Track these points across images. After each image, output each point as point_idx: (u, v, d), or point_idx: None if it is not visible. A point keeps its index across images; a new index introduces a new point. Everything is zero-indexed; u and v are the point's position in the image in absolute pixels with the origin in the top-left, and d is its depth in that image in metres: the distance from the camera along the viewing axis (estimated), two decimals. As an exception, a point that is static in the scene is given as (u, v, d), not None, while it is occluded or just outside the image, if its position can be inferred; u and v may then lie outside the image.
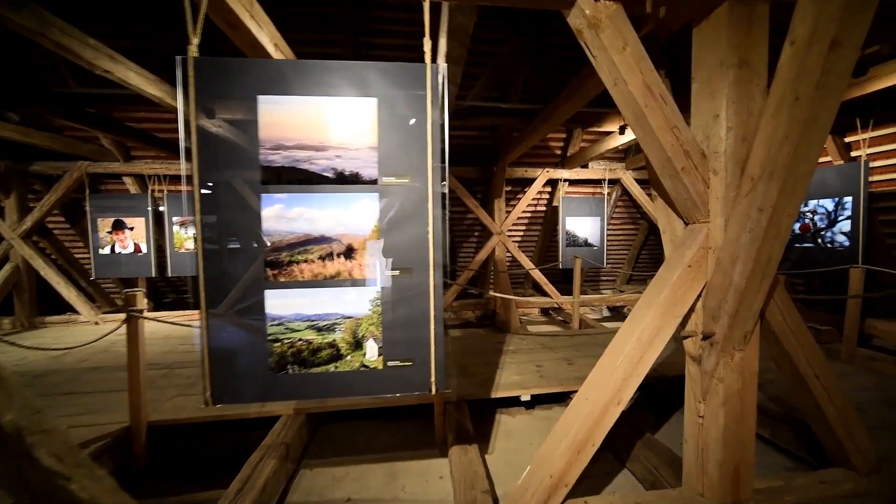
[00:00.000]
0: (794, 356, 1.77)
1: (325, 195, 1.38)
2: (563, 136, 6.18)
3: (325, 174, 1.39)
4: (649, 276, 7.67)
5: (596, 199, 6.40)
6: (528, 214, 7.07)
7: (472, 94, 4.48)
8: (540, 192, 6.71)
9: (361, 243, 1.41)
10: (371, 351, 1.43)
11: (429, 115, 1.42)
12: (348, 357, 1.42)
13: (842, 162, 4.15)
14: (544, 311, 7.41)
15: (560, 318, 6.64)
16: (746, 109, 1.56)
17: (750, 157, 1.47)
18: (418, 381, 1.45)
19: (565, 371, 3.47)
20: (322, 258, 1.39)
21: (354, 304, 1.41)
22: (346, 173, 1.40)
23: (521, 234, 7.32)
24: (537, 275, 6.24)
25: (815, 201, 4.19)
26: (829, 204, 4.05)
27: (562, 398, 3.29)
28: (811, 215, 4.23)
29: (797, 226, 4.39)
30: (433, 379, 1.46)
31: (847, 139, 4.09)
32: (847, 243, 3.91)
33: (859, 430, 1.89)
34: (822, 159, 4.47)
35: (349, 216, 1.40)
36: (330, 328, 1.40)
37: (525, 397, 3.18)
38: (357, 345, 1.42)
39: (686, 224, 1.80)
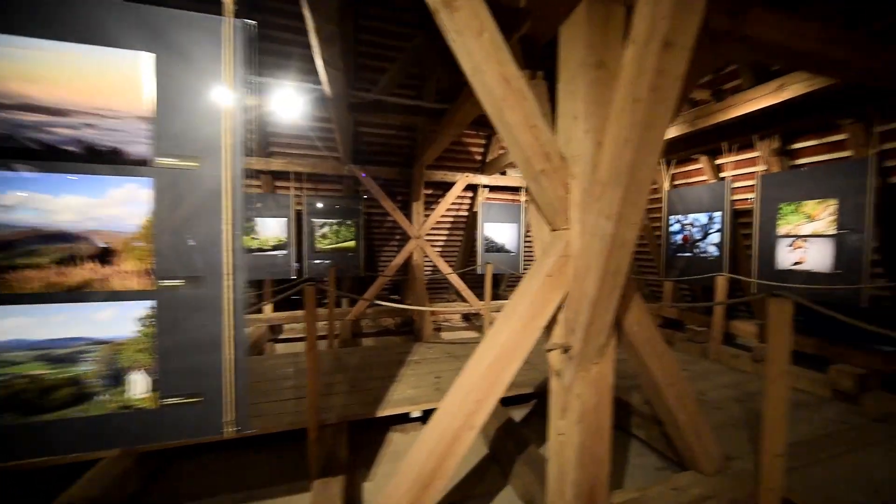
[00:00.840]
0: (649, 366, 1.77)
1: (65, 177, 1.00)
2: (483, 141, 6.20)
3: (67, 148, 1.01)
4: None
5: (514, 205, 6.51)
6: (451, 219, 6.99)
7: (379, 89, 4.21)
8: (461, 197, 6.66)
9: (125, 244, 1.05)
10: (138, 386, 1.08)
11: (227, 79, 1.12)
12: (102, 396, 1.05)
13: (714, 181, 4.63)
14: (465, 317, 7.37)
15: (479, 323, 6.62)
16: (603, 112, 1.51)
17: (600, 161, 1.40)
18: (210, 421, 1.13)
19: (463, 381, 3.34)
20: (60, 262, 1.01)
21: (112, 324, 1.04)
22: (101, 149, 1.03)
23: (444, 238, 7.21)
24: (455, 280, 6.15)
25: (693, 215, 4.63)
26: (703, 218, 4.49)
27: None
28: (690, 228, 4.67)
29: (679, 237, 4.82)
30: (230, 417, 1.15)
31: (717, 161, 4.60)
32: (717, 253, 4.36)
33: (707, 434, 1.96)
34: (698, 178, 4.98)
35: (105, 207, 1.03)
36: (71, 358, 1.02)
37: (417, 413, 2.96)
38: (115, 378, 1.06)
39: (552, 230, 1.72)
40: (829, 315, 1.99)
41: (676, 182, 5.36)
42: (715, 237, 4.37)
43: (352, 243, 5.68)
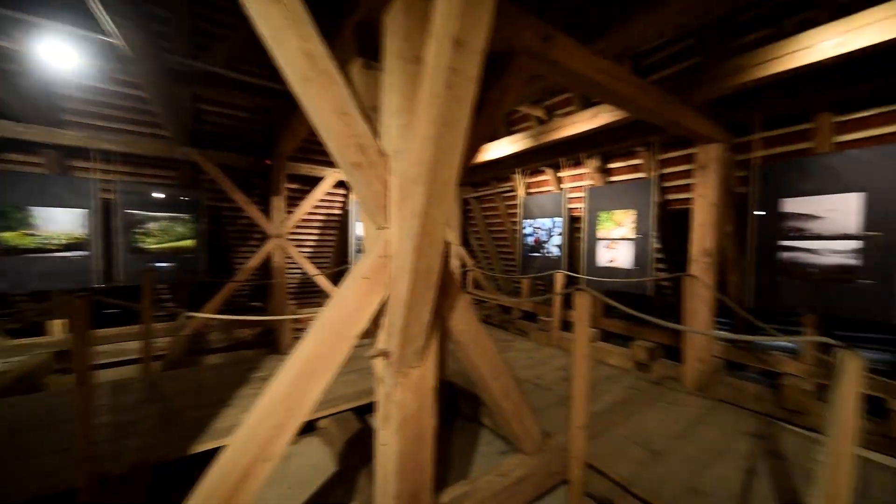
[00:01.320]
0: (476, 362, 1.83)
1: None
2: (356, 137, 5.93)
3: None
4: (441, 280, 8.33)
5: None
6: (322, 217, 6.49)
7: (219, 60, 3.58)
8: (333, 195, 6.24)
9: None
10: None
11: None
12: None
13: (557, 191, 5.35)
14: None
15: (352, 327, 6.31)
16: (416, 108, 1.47)
17: (409, 157, 1.35)
18: None
19: (315, 395, 3.05)
20: None
21: None
22: None
23: (316, 238, 6.66)
24: (324, 283, 5.72)
25: (541, 220, 5.26)
26: (548, 223, 5.15)
27: (304, 431, 2.83)
28: (539, 231, 5.30)
29: (531, 239, 5.43)
30: None
31: (559, 174, 5.35)
32: (558, 253, 5.03)
33: (529, 418, 2.15)
34: (544, 189, 5.70)
35: None
36: None
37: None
38: None
39: (376, 229, 1.62)
40: (628, 301, 2.39)
41: (530, 191, 6.03)
42: (557, 239, 5.04)
43: (189, 242, 4.73)
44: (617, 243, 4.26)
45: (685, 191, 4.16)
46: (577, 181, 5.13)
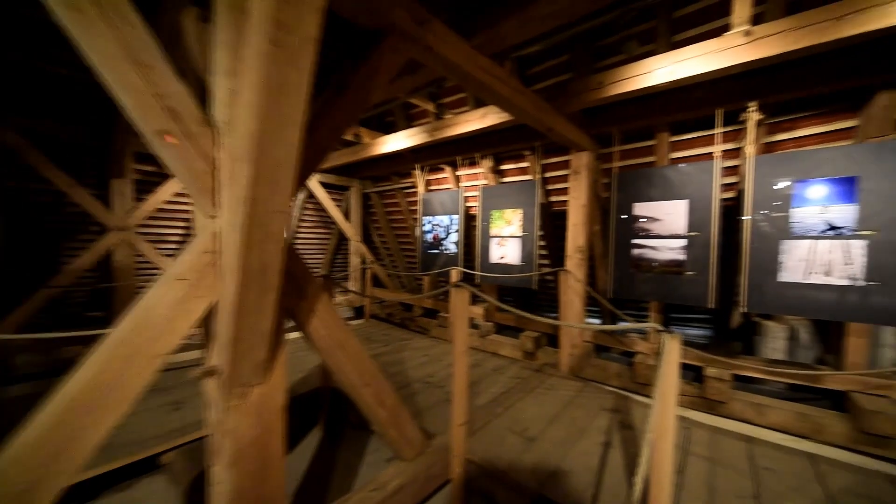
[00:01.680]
0: (344, 370, 1.64)
1: None
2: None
3: None
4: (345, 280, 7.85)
5: (277, 197, 5.74)
6: (192, 209, 5.49)
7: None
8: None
9: None
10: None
11: None
12: None
13: (455, 188, 5.43)
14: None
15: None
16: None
17: (235, 130, 1.10)
18: None
19: (157, 424, 2.49)
20: None
21: None
22: None
23: (183, 234, 5.62)
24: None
25: (439, 217, 5.28)
26: (446, 220, 5.19)
27: (148, 468, 2.28)
28: (438, 227, 5.31)
29: (430, 235, 5.43)
30: None
31: (457, 172, 5.45)
32: (455, 250, 5.12)
33: (407, 423, 2.05)
34: (444, 186, 5.76)
35: None
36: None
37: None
38: None
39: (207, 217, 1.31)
40: (518, 295, 2.44)
41: (431, 187, 6.03)
42: (455, 236, 5.12)
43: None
44: (507, 240, 4.48)
45: (564, 193, 4.59)
46: (474, 180, 5.28)
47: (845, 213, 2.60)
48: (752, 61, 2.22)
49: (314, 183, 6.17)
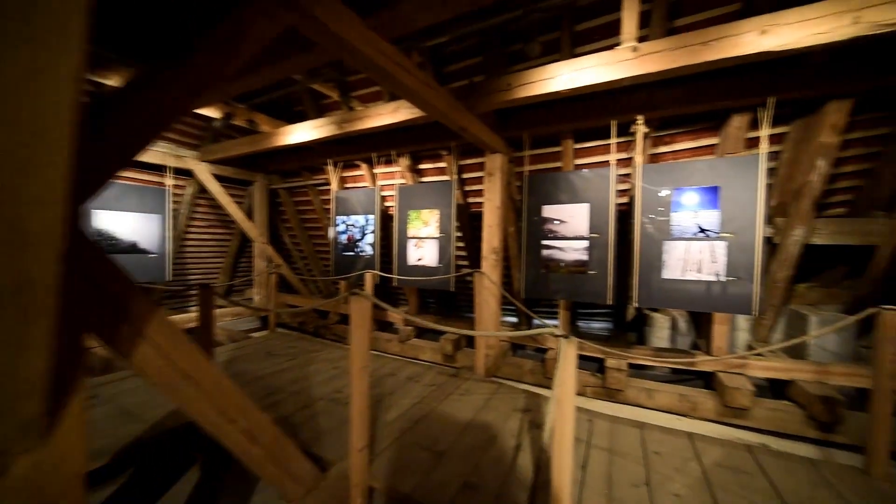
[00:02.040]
0: (196, 407, 1.30)
1: None
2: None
3: None
4: (248, 286, 6.99)
5: (156, 189, 4.83)
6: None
7: None
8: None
9: None
10: None
11: None
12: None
13: (374, 186, 5.14)
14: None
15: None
16: None
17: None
18: None
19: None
20: None
21: None
22: None
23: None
24: None
25: (354, 217, 4.94)
26: (361, 220, 4.88)
27: None
28: (353, 228, 4.97)
29: (344, 236, 5.06)
30: None
31: (374, 170, 5.17)
32: (372, 252, 4.83)
33: (293, 457, 1.75)
34: (360, 185, 5.44)
35: None
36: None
37: None
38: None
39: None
40: (438, 298, 2.25)
41: (347, 185, 5.64)
42: (371, 237, 4.83)
43: None
44: (424, 242, 4.35)
45: (482, 195, 4.61)
46: (391, 179, 5.05)
47: (711, 218, 2.96)
48: (638, 75, 2.38)
49: (205, 175, 5.33)
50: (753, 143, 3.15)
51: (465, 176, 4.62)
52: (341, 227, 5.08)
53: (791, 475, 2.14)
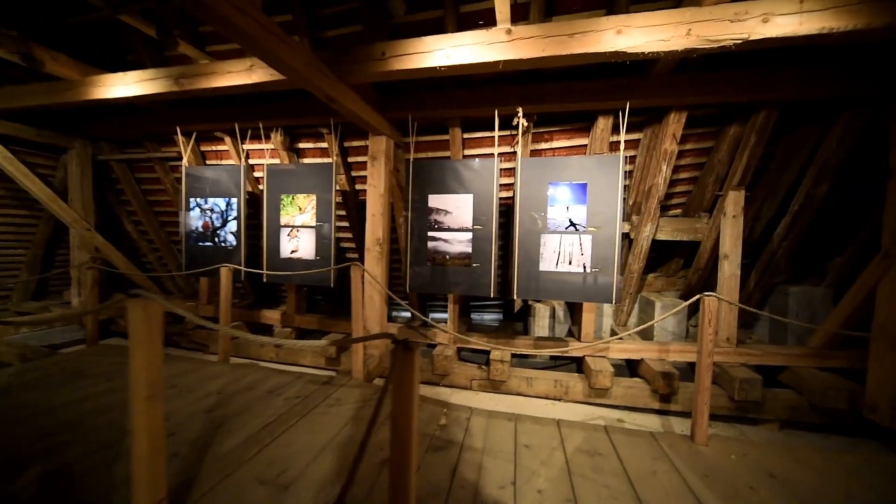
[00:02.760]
0: None
1: None
2: None
3: None
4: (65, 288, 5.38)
5: None
6: None
7: None
8: None
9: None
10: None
11: None
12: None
13: (240, 163, 4.32)
14: None
15: None
16: None
17: None
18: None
19: None
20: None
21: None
22: None
23: None
24: None
25: (213, 199, 4.10)
26: (222, 203, 4.06)
27: None
28: (210, 213, 4.12)
29: (200, 223, 4.17)
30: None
31: (244, 145, 4.37)
32: (235, 242, 4.06)
33: None
34: (226, 162, 4.56)
35: None
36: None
37: None
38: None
39: None
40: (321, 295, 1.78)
41: (210, 161, 4.68)
42: (234, 224, 4.06)
43: None
44: (300, 231, 3.80)
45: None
46: (263, 157, 4.32)
47: (580, 213, 3.11)
48: (513, 59, 2.30)
49: (-18, 135, 3.84)
50: (615, 146, 3.42)
51: (354, 160, 4.18)
52: (195, 212, 4.16)
53: (636, 450, 2.31)
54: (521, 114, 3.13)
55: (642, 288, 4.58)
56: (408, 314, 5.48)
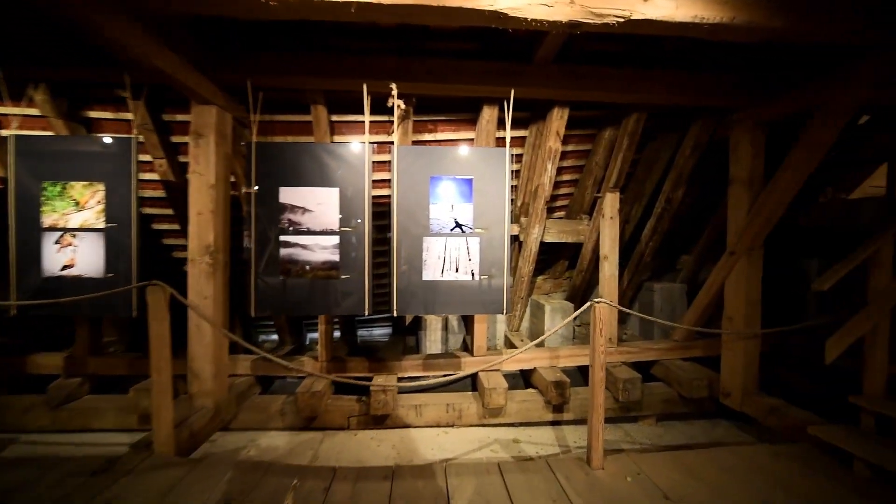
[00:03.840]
0: None
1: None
2: None
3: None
4: None
5: None
6: None
7: None
8: None
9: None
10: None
11: None
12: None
13: None
14: None
15: None
16: None
17: None
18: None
19: None
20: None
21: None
22: None
23: None
24: None
25: None
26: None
27: None
28: None
29: None
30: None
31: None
32: (-43, 257, 2.57)
33: None
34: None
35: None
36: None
37: None
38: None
39: None
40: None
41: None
42: (-46, 229, 2.57)
43: None
44: (77, 237, 2.56)
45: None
46: (33, 128, 2.89)
47: (466, 212, 2.71)
48: (368, 2, 1.72)
49: None
50: (502, 142, 3.13)
51: (181, 139, 3.07)
52: None
53: (533, 494, 1.92)
54: (395, 92, 2.59)
55: (532, 291, 4.50)
56: (274, 335, 4.45)
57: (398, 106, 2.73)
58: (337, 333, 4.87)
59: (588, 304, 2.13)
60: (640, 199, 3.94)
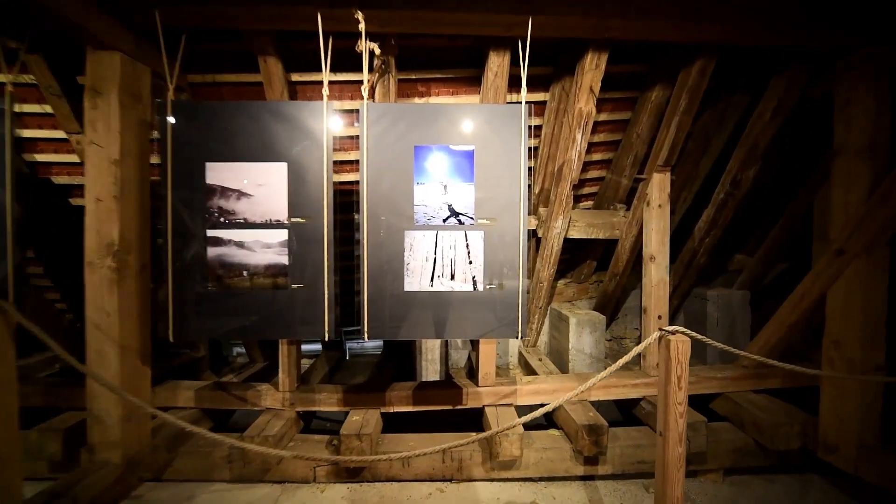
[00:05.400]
0: None
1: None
2: None
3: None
4: None
5: None
6: None
7: None
8: None
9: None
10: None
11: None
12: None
13: None
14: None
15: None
16: None
17: None
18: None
19: None
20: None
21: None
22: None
23: None
24: None
25: None
26: None
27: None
28: None
29: None
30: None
31: None
32: None
33: None
34: None
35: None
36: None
37: None
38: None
39: None
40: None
41: None
42: None
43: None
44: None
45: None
46: None
47: (465, 196, 1.93)
48: None
49: None
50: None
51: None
52: None
53: None
54: (363, 26, 1.83)
55: (553, 298, 3.69)
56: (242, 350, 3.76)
57: (373, 53, 1.98)
58: (317, 347, 4.16)
59: (656, 334, 1.33)
60: (691, 182, 3.10)
